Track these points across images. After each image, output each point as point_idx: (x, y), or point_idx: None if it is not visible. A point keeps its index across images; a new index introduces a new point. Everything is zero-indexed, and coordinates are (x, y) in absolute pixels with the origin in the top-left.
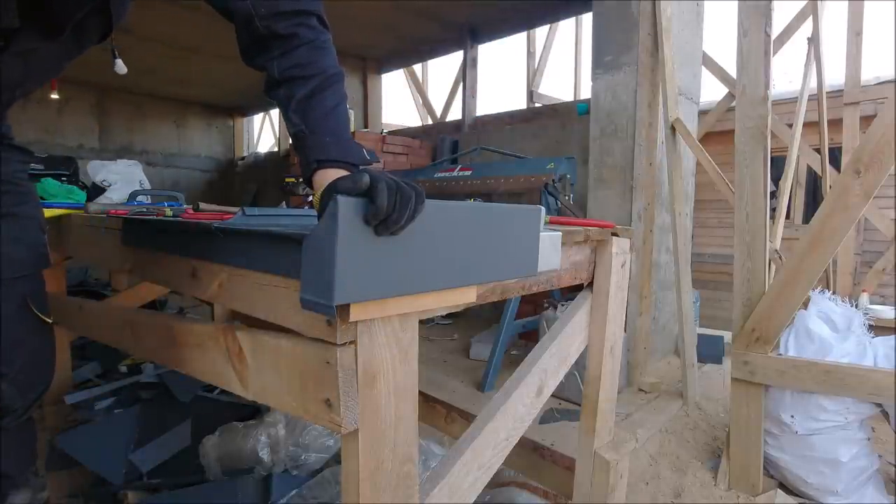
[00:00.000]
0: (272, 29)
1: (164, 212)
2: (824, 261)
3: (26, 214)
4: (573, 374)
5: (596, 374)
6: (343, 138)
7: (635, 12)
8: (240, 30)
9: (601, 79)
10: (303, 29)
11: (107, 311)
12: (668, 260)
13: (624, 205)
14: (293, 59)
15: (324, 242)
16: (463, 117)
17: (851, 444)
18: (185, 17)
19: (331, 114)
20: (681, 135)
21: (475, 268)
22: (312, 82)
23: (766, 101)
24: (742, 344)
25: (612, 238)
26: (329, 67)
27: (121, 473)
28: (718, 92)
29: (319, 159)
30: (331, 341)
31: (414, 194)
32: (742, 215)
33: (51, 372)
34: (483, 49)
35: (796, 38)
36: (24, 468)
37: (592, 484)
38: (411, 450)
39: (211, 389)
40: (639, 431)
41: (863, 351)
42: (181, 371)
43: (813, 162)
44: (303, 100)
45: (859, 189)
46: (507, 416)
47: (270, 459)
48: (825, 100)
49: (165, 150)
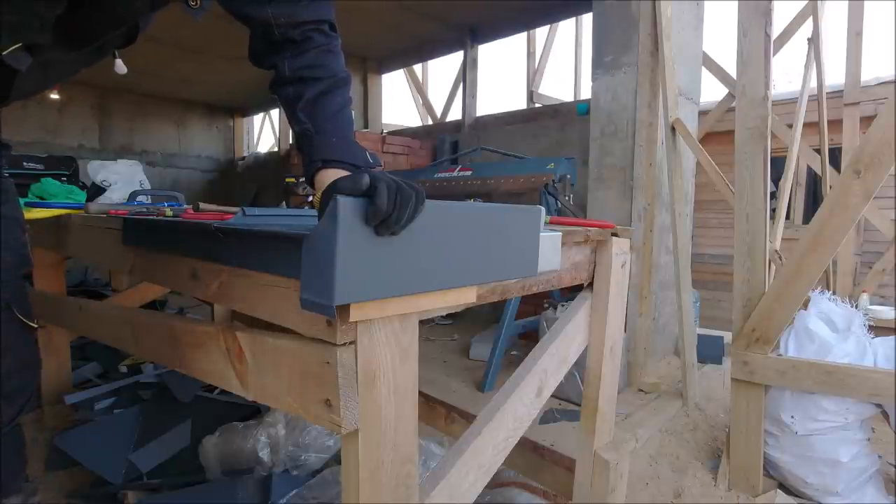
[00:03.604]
0: (288, 35)
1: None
2: (824, 261)
3: (7, 215)
4: (573, 374)
5: (596, 374)
6: (348, 140)
7: (635, 12)
8: (255, 35)
9: (601, 79)
10: (316, 34)
11: (107, 311)
12: (668, 260)
13: (624, 205)
14: (305, 60)
15: (324, 242)
16: (463, 117)
17: (851, 445)
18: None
19: (337, 115)
20: (681, 135)
21: (475, 268)
22: (322, 84)
23: (767, 102)
24: (742, 344)
25: (612, 238)
26: (339, 71)
27: (121, 473)
28: (718, 92)
29: (324, 159)
30: (331, 341)
31: (414, 194)
32: (742, 216)
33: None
34: (483, 49)
35: (796, 39)
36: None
37: (592, 484)
38: (411, 450)
39: (211, 389)
40: (639, 431)
41: (863, 351)
42: (181, 371)
43: (813, 162)
44: (311, 100)
45: (859, 189)
46: (507, 416)
47: (270, 459)
48: (825, 100)
49: (166, 150)
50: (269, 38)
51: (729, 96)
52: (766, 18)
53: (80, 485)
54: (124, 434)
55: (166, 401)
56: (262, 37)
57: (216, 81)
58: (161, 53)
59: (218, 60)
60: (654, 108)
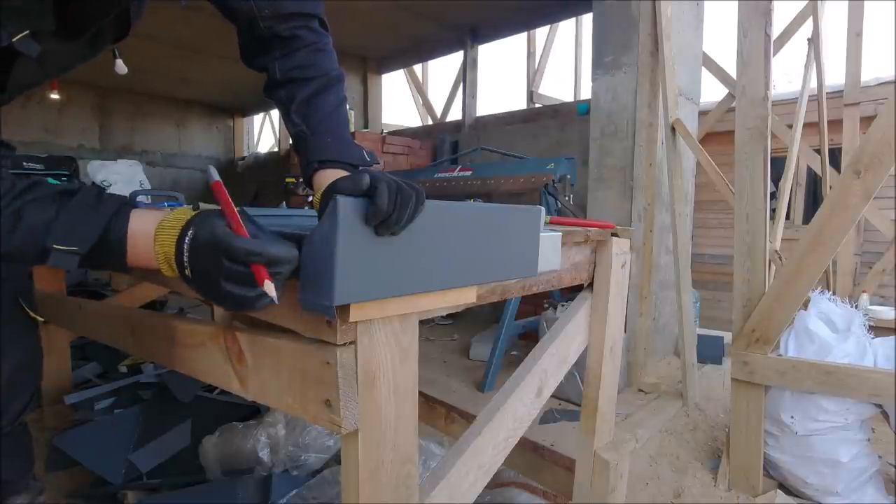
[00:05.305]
0: (274, 30)
1: None
2: (824, 261)
3: None
4: (573, 374)
5: (596, 374)
6: (343, 139)
7: (635, 13)
8: (242, 30)
9: (601, 79)
10: (304, 31)
11: (107, 311)
12: (668, 260)
13: (624, 205)
14: (294, 60)
15: (324, 243)
16: (463, 117)
17: (851, 445)
18: (186, 17)
19: (331, 115)
20: (681, 135)
21: (475, 268)
22: (314, 84)
23: (767, 102)
24: (742, 344)
25: (612, 238)
26: (330, 69)
27: (121, 473)
28: (718, 92)
29: (320, 160)
30: (331, 341)
31: (414, 194)
32: (742, 216)
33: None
34: (483, 49)
35: (796, 39)
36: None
37: (592, 484)
38: (411, 450)
39: (211, 389)
40: (639, 432)
41: (863, 351)
42: (181, 371)
43: (813, 162)
44: (304, 101)
45: (859, 189)
46: (507, 416)
47: (270, 459)
48: (825, 100)
49: (166, 150)
50: (255, 34)
51: (729, 96)
52: (766, 18)
53: (80, 485)
54: (124, 434)
55: (166, 401)
56: (248, 33)
57: (216, 81)
58: (161, 53)
59: (218, 60)
60: (654, 109)
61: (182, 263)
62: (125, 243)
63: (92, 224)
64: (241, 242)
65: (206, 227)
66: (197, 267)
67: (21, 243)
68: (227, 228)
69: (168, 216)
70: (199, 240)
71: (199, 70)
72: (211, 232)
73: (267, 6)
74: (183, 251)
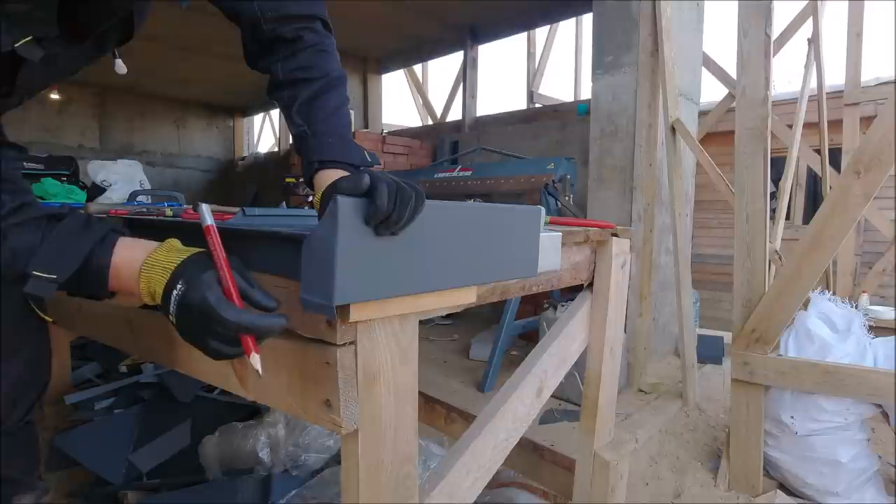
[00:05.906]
0: (278, 32)
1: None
2: (824, 261)
3: None
4: (573, 375)
5: (596, 374)
6: (345, 140)
7: (635, 13)
8: (246, 33)
9: (601, 79)
10: (307, 33)
11: (107, 311)
12: (668, 260)
13: (624, 205)
14: (298, 61)
15: (324, 243)
16: (463, 117)
17: (851, 445)
18: (186, 17)
19: (333, 116)
20: (681, 135)
21: (475, 268)
22: (316, 85)
23: (767, 102)
24: (742, 344)
25: (612, 238)
26: (333, 70)
27: (121, 473)
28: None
29: (321, 160)
30: (331, 342)
31: (414, 195)
32: (742, 216)
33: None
34: (483, 49)
35: (796, 39)
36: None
37: (592, 484)
38: (411, 450)
39: (211, 389)
40: (639, 432)
41: (863, 352)
42: (181, 371)
43: (813, 163)
44: (306, 102)
45: (859, 190)
46: (507, 416)
47: (270, 459)
48: (825, 100)
49: (166, 150)
50: (259, 37)
51: (729, 96)
52: (766, 18)
53: (80, 485)
54: (124, 434)
55: (166, 401)
56: (252, 35)
57: (216, 81)
58: (161, 53)
59: (218, 60)
60: (654, 109)
61: (168, 311)
62: (107, 274)
63: (74, 252)
64: (233, 316)
65: (198, 288)
66: (183, 322)
67: (2, 265)
68: (220, 292)
69: (156, 253)
70: (188, 300)
71: (199, 70)
72: (202, 297)
73: (270, 8)
74: (170, 301)
